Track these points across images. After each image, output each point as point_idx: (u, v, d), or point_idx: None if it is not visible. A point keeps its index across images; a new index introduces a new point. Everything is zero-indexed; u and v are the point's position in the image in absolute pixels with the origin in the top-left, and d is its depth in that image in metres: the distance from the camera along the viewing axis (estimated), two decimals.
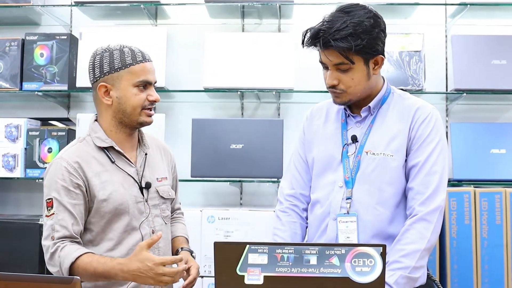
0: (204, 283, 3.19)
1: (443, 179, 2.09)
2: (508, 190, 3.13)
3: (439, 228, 2.06)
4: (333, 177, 2.17)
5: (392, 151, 2.10)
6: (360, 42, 2.00)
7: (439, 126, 2.14)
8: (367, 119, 2.18)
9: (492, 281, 3.10)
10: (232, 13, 3.68)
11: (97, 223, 2.06)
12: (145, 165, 2.18)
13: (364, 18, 2.03)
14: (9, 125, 3.55)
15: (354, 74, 2.07)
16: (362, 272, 1.58)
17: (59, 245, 1.95)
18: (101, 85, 2.07)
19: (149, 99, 2.09)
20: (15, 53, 3.59)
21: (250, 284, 1.61)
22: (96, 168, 2.07)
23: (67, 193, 2.00)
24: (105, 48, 2.09)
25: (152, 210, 2.15)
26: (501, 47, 3.41)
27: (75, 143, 2.14)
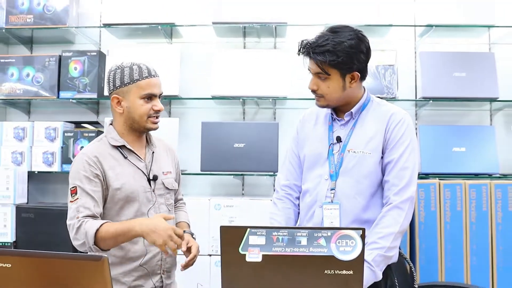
0: (212, 260, 3.18)
1: (414, 174, 2.09)
2: (467, 182, 3.13)
3: (411, 215, 2.07)
4: (320, 171, 2.16)
5: (370, 149, 2.10)
6: (335, 58, 2.02)
7: (411, 129, 2.13)
8: (350, 122, 2.17)
9: (453, 258, 3.10)
10: (235, 33, 3.68)
11: (112, 209, 2.08)
12: (153, 161, 2.20)
13: (346, 39, 2.04)
14: (48, 127, 3.56)
15: (330, 83, 2.08)
16: (345, 251, 1.58)
17: (83, 220, 1.97)
18: (113, 97, 2.11)
19: (154, 109, 2.11)
20: (53, 67, 3.60)
21: (251, 262, 1.60)
22: (111, 162, 2.09)
23: (89, 182, 2.02)
24: (118, 65, 2.11)
25: (158, 198, 2.16)
26: (461, 61, 3.40)
27: (94, 142, 2.16)
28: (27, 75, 3.62)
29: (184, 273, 2.32)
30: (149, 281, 2.11)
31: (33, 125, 3.59)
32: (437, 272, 3.10)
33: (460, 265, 3.09)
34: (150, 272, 2.11)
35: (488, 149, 3.33)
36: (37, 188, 3.79)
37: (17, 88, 3.61)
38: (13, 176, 3.40)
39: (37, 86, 3.60)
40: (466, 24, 3.38)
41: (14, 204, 3.39)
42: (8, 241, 3.36)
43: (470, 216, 3.11)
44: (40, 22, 3.56)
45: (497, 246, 3.09)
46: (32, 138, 3.57)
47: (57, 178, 3.75)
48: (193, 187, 3.72)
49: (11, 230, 3.36)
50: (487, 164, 3.31)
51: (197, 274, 3.13)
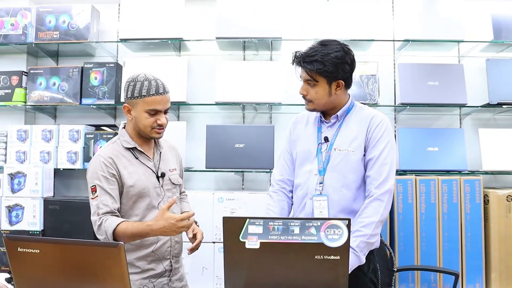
0: (216, 247, 3.18)
1: (392, 169, 2.08)
2: (440, 178, 3.13)
3: (390, 205, 2.06)
4: (310, 167, 2.16)
5: (353, 148, 2.10)
6: (322, 67, 2.04)
7: (389, 130, 2.13)
8: (336, 124, 2.18)
9: (427, 244, 3.10)
10: (235, 47, 3.67)
11: (126, 203, 2.07)
12: (160, 160, 2.19)
13: (333, 51, 2.06)
14: (72, 130, 3.56)
15: (318, 89, 2.10)
16: (333, 239, 1.58)
17: (103, 218, 1.97)
18: (125, 105, 2.10)
19: (157, 123, 2.08)
20: (76, 77, 3.59)
21: (250, 248, 1.60)
22: (125, 163, 2.08)
23: (106, 181, 2.02)
24: (133, 77, 2.08)
25: (166, 193, 2.16)
26: (434, 72, 3.40)
27: (108, 145, 2.14)
28: (53, 84, 3.61)
29: (191, 258, 2.32)
30: (160, 265, 2.11)
31: (58, 128, 3.59)
32: (414, 256, 3.09)
33: (434, 250, 3.09)
34: (160, 257, 2.11)
35: (458, 149, 3.33)
36: (62, 183, 3.78)
37: (45, 95, 3.61)
38: (41, 172, 3.39)
39: (62, 93, 3.59)
40: (439, 39, 3.38)
41: (42, 197, 3.38)
42: (37, 229, 3.36)
43: (443, 207, 3.11)
44: (65, 38, 3.56)
45: (466, 233, 3.10)
46: (57, 139, 3.57)
47: (80, 174, 3.74)
48: (199, 182, 3.71)
49: (40, 220, 3.37)
50: (457, 162, 3.31)
51: (202, 259, 3.13)
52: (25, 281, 1.57)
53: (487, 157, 3.30)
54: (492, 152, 3.31)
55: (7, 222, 3.37)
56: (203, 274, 3.16)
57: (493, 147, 3.32)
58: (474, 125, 3.63)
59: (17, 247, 1.53)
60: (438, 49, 3.58)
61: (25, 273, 1.56)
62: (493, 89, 3.35)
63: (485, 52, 3.57)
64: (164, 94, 2.07)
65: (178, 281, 2.20)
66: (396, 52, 3.67)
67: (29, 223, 3.36)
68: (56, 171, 3.56)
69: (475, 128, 3.54)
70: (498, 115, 3.63)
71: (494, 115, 3.65)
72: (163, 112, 2.09)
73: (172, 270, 2.16)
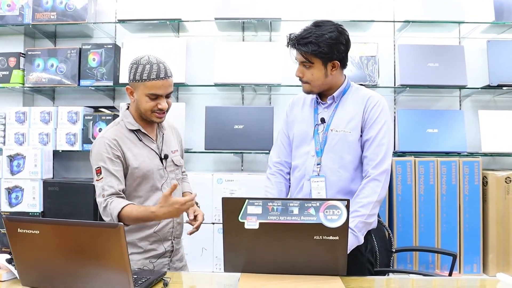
0: (215, 228, 3.19)
1: (389, 149, 2.08)
2: (439, 159, 3.14)
3: (387, 185, 2.07)
4: (307, 148, 2.16)
5: (350, 129, 2.10)
6: (317, 48, 2.03)
7: (385, 110, 2.13)
8: (332, 105, 2.17)
9: (426, 225, 3.12)
10: (235, 28, 3.64)
11: (130, 185, 2.07)
12: (163, 142, 2.18)
13: (327, 32, 2.05)
14: (70, 112, 3.55)
15: (314, 71, 2.09)
16: (332, 219, 1.58)
17: (109, 200, 1.96)
18: (128, 87, 2.08)
19: (158, 107, 2.04)
20: (74, 58, 3.57)
21: (249, 229, 1.61)
22: (129, 145, 2.07)
23: (111, 162, 2.00)
24: (137, 60, 2.04)
25: (169, 174, 2.16)
26: (435, 53, 3.38)
27: (112, 126, 2.12)
28: (51, 65, 3.59)
29: (190, 239, 2.33)
30: (161, 246, 2.12)
31: (57, 109, 3.58)
32: (412, 237, 3.11)
33: (432, 231, 3.11)
34: (162, 238, 2.12)
35: (457, 131, 3.33)
36: (61, 165, 3.79)
37: (43, 77, 3.59)
38: (40, 154, 3.39)
39: (60, 75, 3.57)
40: (439, 20, 3.36)
41: (41, 179, 3.39)
42: (37, 211, 3.37)
43: (441, 189, 3.12)
44: (62, 19, 3.53)
45: (464, 214, 3.11)
46: (56, 121, 3.56)
47: (79, 156, 3.74)
48: (198, 163, 3.72)
49: (39, 202, 3.37)
50: (457, 144, 3.31)
51: (202, 240, 3.15)
52: (25, 261, 1.58)
53: (487, 139, 3.30)
54: (492, 134, 3.31)
55: (6, 204, 3.38)
56: (203, 255, 3.18)
57: (492, 129, 3.32)
58: (474, 106, 3.62)
59: (17, 228, 1.53)
60: (439, 30, 3.56)
61: (25, 254, 1.57)
62: (494, 71, 3.34)
63: (486, 34, 3.55)
64: (166, 78, 2.03)
65: (178, 261, 2.22)
66: (396, 33, 3.64)
67: (28, 204, 3.37)
68: (55, 152, 3.56)
69: (475, 109, 3.53)
70: (498, 96, 3.63)
71: (494, 97, 3.64)
72: (164, 96, 2.06)
73: (173, 251, 2.17)
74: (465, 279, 2.41)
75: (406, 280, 1.88)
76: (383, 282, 1.89)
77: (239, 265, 1.68)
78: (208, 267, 3.18)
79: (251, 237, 1.61)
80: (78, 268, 1.52)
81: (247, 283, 1.58)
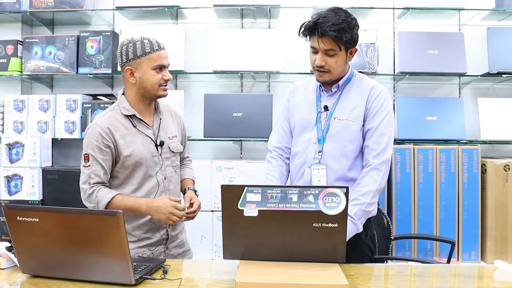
0: (214, 215, 3.20)
1: (390, 140, 2.09)
2: (438, 147, 3.14)
3: (387, 175, 2.08)
4: (309, 135, 2.16)
5: (353, 117, 2.10)
6: (347, 35, 2.01)
7: (388, 101, 2.13)
8: (336, 93, 2.16)
9: (425, 213, 3.13)
10: (233, 14, 3.63)
11: (123, 172, 2.08)
12: (160, 127, 2.17)
13: (349, 19, 2.03)
14: (69, 99, 3.54)
15: (338, 58, 2.06)
16: (331, 207, 1.59)
17: (95, 188, 2.01)
18: (127, 69, 2.06)
19: (164, 78, 2.08)
20: (73, 46, 3.56)
21: (248, 216, 1.61)
22: (122, 131, 2.07)
23: (100, 151, 2.02)
24: (129, 40, 2.06)
25: (164, 161, 2.15)
26: (434, 40, 3.38)
27: (107, 112, 2.12)
28: (49, 53, 3.58)
29: (190, 227, 2.33)
30: (156, 234, 2.13)
31: (55, 97, 3.57)
32: (411, 225, 3.13)
33: (431, 219, 3.12)
34: (157, 226, 2.12)
35: (456, 118, 3.32)
36: (60, 153, 3.79)
37: (41, 65, 3.57)
38: (39, 142, 3.39)
39: (59, 63, 3.56)
40: (439, 7, 3.35)
41: (40, 167, 3.39)
42: (36, 199, 3.37)
43: (440, 176, 3.12)
44: (60, 6, 3.51)
45: (463, 202, 3.12)
46: (55, 109, 3.55)
47: (78, 144, 3.74)
48: (197, 151, 3.72)
49: (38, 190, 3.38)
50: (456, 131, 3.31)
51: (201, 228, 3.16)
52: (25, 249, 1.58)
53: (486, 126, 3.30)
54: (491, 122, 3.31)
55: (6, 192, 3.38)
56: (202, 242, 3.20)
57: (492, 117, 3.32)
58: (473, 94, 3.62)
59: (17, 216, 1.53)
60: (439, 17, 3.55)
61: (24, 242, 1.57)
62: (493, 58, 3.33)
63: (486, 21, 3.53)
64: (165, 49, 2.10)
65: (177, 247, 2.22)
66: (396, 20, 3.63)
67: (28, 193, 3.38)
68: (54, 140, 3.56)
69: (474, 97, 3.53)
70: (498, 84, 3.62)
71: (494, 85, 3.63)
72: (166, 67, 2.10)
73: (168, 238, 2.17)
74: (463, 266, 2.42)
75: (405, 267, 1.89)
76: (382, 269, 1.90)
77: (238, 252, 1.69)
78: (207, 254, 3.20)
79: (250, 224, 1.62)
80: (77, 255, 1.53)
81: (246, 270, 1.59)
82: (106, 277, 1.53)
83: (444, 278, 1.75)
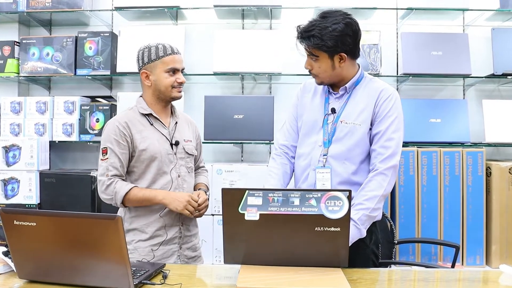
0: (214, 219, 3.20)
1: (399, 144, 2.08)
2: (442, 150, 3.14)
3: (394, 181, 2.06)
4: (315, 138, 2.15)
5: (360, 121, 2.08)
6: (319, 42, 2.00)
7: (398, 104, 2.12)
8: (344, 96, 2.15)
9: (428, 217, 3.13)
10: (234, 15, 3.63)
11: (139, 167, 2.16)
12: (176, 129, 2.25)
13: (331, 24, 2.00)
14: (66, 101, 3.55)
15: (320, 64, 2.07)
16: (333, 210, 1.58)
17: (114, 179, 2.10)
18: (143, 72, 2.19)
19: (177, 81, 2.18)
20: (71, 47, 3.56)
21: (249, 220, 1.61)
22: (139, 127, 2.16)
23: (118, 144, 2.12)
24: (146, 45, 2.18)
25: (179, 161, 2.22)
26: (438, 41, 3.38)
27: (125, 111, 2.24)
28: (47, 54, 3.58)
29: None
30: (169, 232, 2.16)
31: (53, 99, 3.57)
32: (414, 229, 3.12)
33: (435, 223, 3.12)
34: (169, 224, 2.16)
35: (461, 121, 3.32)
36: (58, 156, 3.79)
37: (38, 66, 3.58)
38: (36, 145, 3.39)
39: (56, 64, 3.56)
40: (443, 8, 3.35)
41: (38, 170, 3.38)
42: (33, 203, 3.37)
43: (444, 179, 3.12)
44: (57, 6, 3.52)
45: (467, 205, 3.12)
46: (52, 111, 3.55)
47: (76, 146, 3.74)
48: None
49: (36, 193, 3.38)
50: (460, 134, 3.31)
51: (201, 232, 3.12)
52: (22, 254, 1.58)
53: (491, 129, 3.30)
54: (496, 124, 3.31)
55: (2, 195, 3.38)
56: (202, 247, 3.17)
57: (496, 119, 3.32)
58: (477, 96, 3.62)
59: (13, 220, 1.53)
60: (442, 17, 3.55)
61: (21, 247, 1.56)
62: (498, 59, 3.33)
63: (490, 21, 3.53)
64: (178, 53, 2.21)
65: (190, 250, 2.24)
66: (399, 21, 3.63)
67: (25, 196, 3.37)
68: (52, 143, 3.55)
69: (479, 99, 3.53)
70: (503, 86, 3.62)
71: (499, 86, 3.63)
72: (180, 71, 2.20)
73: (181, 237, 2.20)
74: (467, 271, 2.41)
75: (409, 272, 1.88)
76: (385, 273, 1.89)
77: (239, 257, 1.68)
78: (208, 259, 3.19)
79: (251, 228, 1.61)
80: (75, 260, 1.52)
81: (247, 275, 1.58)
82: (104, 282, 1.52)
83: (449, 283, 1.74)
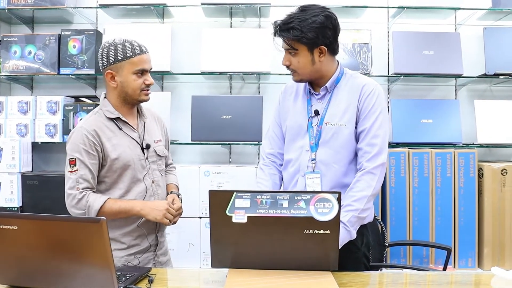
0: (202, 222, 3.20)
1: (385, 141, 2.07)
2: (433, 151, 3.17)
3: (382, 179, 2.06)
4: (301, 142, 2.15)
5: (345, 121, 2.08)
6: (299, 34, 2.00)
7: (381, 99, 2.11)
8: (326, 96, 2.15)
9: (420, 219, 3.15)
10: (222, 13, 3.63)
11: (111, 176, 2.08)
12: (145, 131, 2.19)
13: (310, 16, 2.01)
14: (50, 101, 3.52)
15: (300, 58, 2.06)
16: (322, 212, 1.59)
17: (85, 192, 2.00)
18: (107, 72, 2.08)
19: (145, 83, 2.09)
20: (54, 45, 3.54)
21: (237, 223, 1.61)
22: (108, 134, 2.08)
23: (87, 155, 2.02)
24: (111, 42, 2.08)
25: (151, 165, 2.16)
26: (430, 41, 3.40)
27: (91, 115, 2.13)
28: (29, 52, 3.56)
29: (177, 234, 2.34)
30: (145, 240, 2.13)
31: (35, 99, 3.54)
32: (406, 231, 3.14)
33: (426, 225, 3.14)
34: (146, 232, 2.13)
35: (452, 121, 3.35)
36: (41, 157, 3.76)
37: (20, 65, 3.55)
38: (18, 146, 3.36)
39: (39, 63, 3.54)
40: (435, 6, 3.37)
41: (19, 172, 3.36)
42: (15, 206, 3.35)
43: (436, 181, 3.14)
44: (40, 3, 3.49)
45: (459, 207, 3.14)
46: (35, 111, 3.53)
47: (59, 148, 3.72)
48: (184, 155, 3.72)
49: (18, 196, 3.35)
50: (452, 135, 3.33)
51: (188, 235, 3.16)
52: (3, 258, 1.57)
53: (483, 129, 3.33)
54: (488, 125, 3.33)
55: None
56: (189, 250, 3.19)
57: (488, 120, 3.34)
58: (469, 96, 3.65)
59: None
60: (434, 16, 3.57)
61: (3, 251, 1.55)
62: (490, 59, 3.36)
63: (482, 20, 3.56)
64: (147, 53, 2.11)
65: (163, 255, 2.23)
66: (390, 20, 3.65)
67: (6, 199, 3.35)
68: (34, 144, 3.53)
69: (471, 99, 3.56)
70: (495, 86, 3.65)
71: (491, 86, 3.67)
72: (148, 72, 2.11)
73: (157, 245, 2.18)
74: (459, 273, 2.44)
75: (400, 275, 1.90)
76: (376, 277, 1.91)
77: (226, 260, 1.69)
78: (195, 263, 3.19)
79: (239, 231, 1.62)
80: (59, 265, 1.52)
81: (235, 279, 1.59)
82: (89, 287, 1.52)
83: (440, 286, 1.76)
